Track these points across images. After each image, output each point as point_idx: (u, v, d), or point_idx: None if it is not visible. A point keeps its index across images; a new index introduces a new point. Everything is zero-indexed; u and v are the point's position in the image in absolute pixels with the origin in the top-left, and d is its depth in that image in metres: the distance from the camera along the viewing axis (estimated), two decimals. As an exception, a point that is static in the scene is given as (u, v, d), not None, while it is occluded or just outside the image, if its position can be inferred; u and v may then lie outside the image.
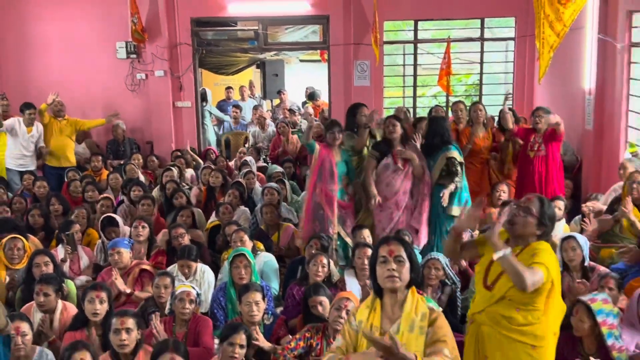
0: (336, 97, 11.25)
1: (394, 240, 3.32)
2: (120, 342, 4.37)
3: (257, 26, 11.47)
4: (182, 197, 7.98)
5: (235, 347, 4.30)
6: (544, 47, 7.92)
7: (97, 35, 10.92)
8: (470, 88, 14.11)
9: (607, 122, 8.47)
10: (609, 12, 8.29)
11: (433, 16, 11.27)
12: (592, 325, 4.53)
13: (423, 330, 3.19)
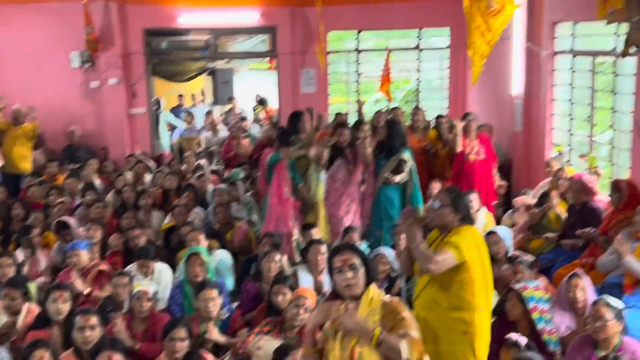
0: (285, 103, 11.27)
1: (346, 250, 3.28)
2: (84, 339, 4.33)
3: (208, 36, 11.41)
4: (147, 199, 7.88)
5: (176, 341, 4.29)
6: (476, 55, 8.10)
7: (52, 44, 10.67)
8: (409, 94, 14.28)
9: (534, 124, 8.68)
10: (534, 23, 8.50)
11: (374, 27, 11.39)
12: (524, 311, 4.66)
13: (375, 322, 3.14)
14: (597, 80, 7.47)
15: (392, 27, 11.42)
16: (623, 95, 6.82)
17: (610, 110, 7.14)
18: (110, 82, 10.84)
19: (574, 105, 7.95)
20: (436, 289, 4.00)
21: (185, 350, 4.32)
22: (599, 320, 4.12)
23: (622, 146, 6.92)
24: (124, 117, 11.07)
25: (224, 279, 6.06)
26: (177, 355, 4.30)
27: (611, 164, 7.15)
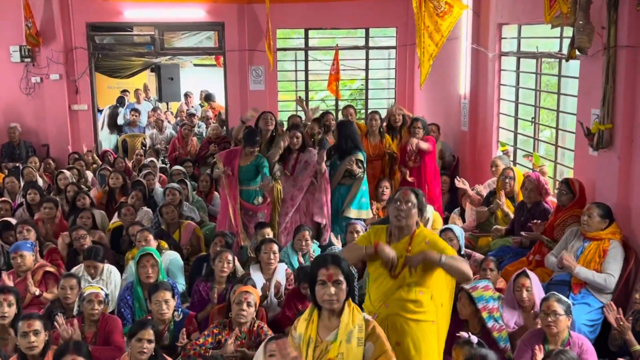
0: (233, 101, 11.21)
1: (332, 264, 3.26)
2: (29, 344, 4.26)
3: (153, 31, 11.26)
4: (84, 198, 7.71)
5: (144, 342, 4.26)
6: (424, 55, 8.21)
7: (-9, 38, 10.41)
8: (355, 92, 14.38)
9: (481, 123, 8.86)
10: (481, 24, 8.68)
11: (322, 25, 11.40)
12: (474, 310, 4.77)
13: (361, 342, 3.21)
14: (541, 81, 7.68)
15: (340, 25, 11.45)
16: (567, 97, 7.01)
17: (554, 111, 7.33)
18: (52, 77, 10.65)
19: (519, 105, 8.14)
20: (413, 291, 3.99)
21: (151, 352, 4.29)
22: (551, 315, 4.26)
23: (565, 146, 7.11)
24: (66, 113, 10.84)
25: (175, 279, 6.00)
26: (142, 356, 4.26)
27: (554, 163, 7.34)
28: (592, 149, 5.81)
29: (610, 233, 5.32)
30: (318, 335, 3.28)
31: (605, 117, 5.57)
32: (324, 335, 3.28)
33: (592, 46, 5.55)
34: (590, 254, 5.28)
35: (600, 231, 5.31)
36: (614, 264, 5.20)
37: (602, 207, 5.37)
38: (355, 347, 3.20)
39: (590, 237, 5.34)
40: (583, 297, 5.14)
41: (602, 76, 5.56)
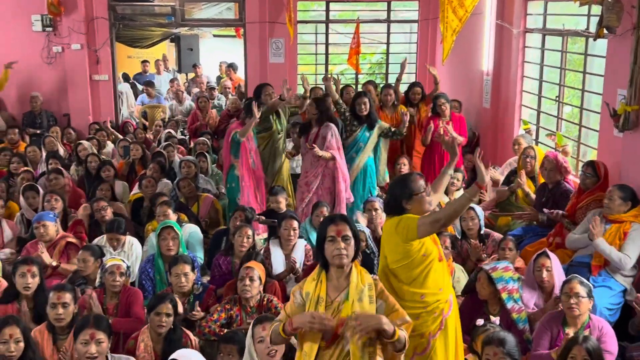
0: (252, 73, 11.14)
1: (340, 220, 3.30)
2: (57, 316, 4.34)
3: (174, 2, 11.20)
4: (109, 170, 7.71)
5: (162, 316, 4.31)
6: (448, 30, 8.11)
7: (12, 7, 10.43)
8: (374, 66, 14.28)
9: (503, 101, 8.77)
10: (506, 0, 8.54)
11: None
12: (493, 291, 4.76)
13: (372, 300, 3.22)
14: (566, 60, 7.57)
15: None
16: (593, 76, 6.91)
17: (579, 90, 7.23)
18: (73, 47, 10.65)
19: (543, 84, 8.04)
20: None
21: (170, 326, 4.33)
22: (573, 297, 4.25)
23: (590, 126, 7.04)
24: (87, 83, 10.86)
25: (194, 252, 6.04)
26: (161, 330, 4.31)
27: (578, 143, 7.27)
28: (617, 130, 5.74)
29: (632, 216, 5.25)
30: (328, 295, 3.27)
31: (632, 98, 5.48)
32: (333, 295, 3.26)
33: (620, 25, 5.46)
34: (611, 236, 5.22)
35: (622, 214, 5.27)
36: (633, 246, 5.13)
37: (624, 189, 5.31)
38: (368, 305, 3.19)
39: (612, 220, 5.28)
40: (604, 280, 5.11)
41: (631, 56, 5.45)
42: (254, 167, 7.20)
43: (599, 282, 5.06)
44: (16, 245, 6.37)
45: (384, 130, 7.42)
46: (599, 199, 5.53)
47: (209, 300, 5.14)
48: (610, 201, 5.27)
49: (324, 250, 3.28)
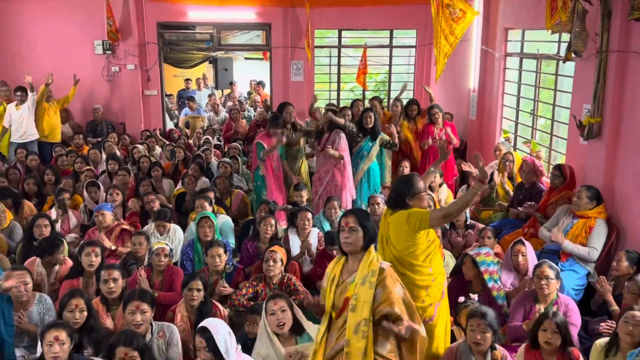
0: (277, 89, 11.19)
1: (350, 214, 3.28)
2: (109, 289, 4.37)
3: (212, 30, 11.26)
4: (158, 170, 7.76)
5: (194, 291, 4.33)
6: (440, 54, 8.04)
7: (79, 34, 10.50)
8: (379, 84, 14.22)
9: (487, 113, 8.72)
10: (490, 28, 8.49)
11: (353, 26, 11.28)
12: (477, 273, 4.74)
13: (372, 285, 3.14)
14: (540, 79, 7.50)
15: (368, 27, 11.34)
16: (563, 93, 6.85)
17: (551, 105, 7.17)
18: (128, 67, 10.71)
19: (520, 99, 7.97)
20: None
21: (201, 300, 4.35)
22: (544, 279, 4.22)
23: (560, 135, 6.97)
24: (139, 97, 10.92)
25: (226, 238, 6.04)
26: (193, 302, 4.33)
27: (549, 150, 7.21)
28: (582, 138, 5.69)
29: (597, 212, 5.22)
30: (341, 276, 3.28)
31: (595, 112, 5.45)
32: (345, 276, 3.27)
33: (586, 50, 5.42)
34: (578, 229, 5.19)
35: (588, 210, 5.21)
36: (598, 240, 5.12)
37: (591, 189, 5.26)
38: (367, 290, 3.14)
39: (579, 215, 5.24)
40: (570, 265, 5.07)
41: (594, 76, 5.42)
42: (277, 170, 7.19)
43: (566, 267, 5.03)
44: (80, 231, 6.40)
45: (384, 142, 7.35)
46: (566, 196, 5.50)
47: (239, 278, 5.14)
48: (579, 199, 5.22)
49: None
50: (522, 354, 3.84)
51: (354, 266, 3.25)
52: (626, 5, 4.98)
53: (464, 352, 3.69)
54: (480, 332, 3.61)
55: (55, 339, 3.49)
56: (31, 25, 10.50)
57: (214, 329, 3.46)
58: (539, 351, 3.76)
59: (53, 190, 7.16)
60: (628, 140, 5.26)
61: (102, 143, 9.25)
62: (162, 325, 4.08)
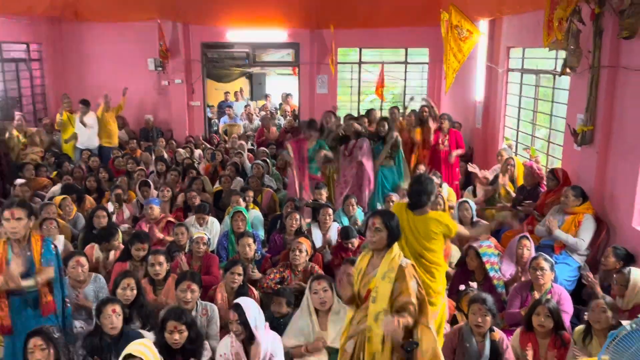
0: (304, 101, 11.26)
1: (377, 215, 3.23)
2: (155, 271, 4.43)
3: (248, 49, 11.35)
4: (193, 172, 7.85)
5: (235, 275, 4.37)
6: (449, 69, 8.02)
7: (135, 53, 10.73)
8: (395, 96, 14.15)
9: (491, 122, 8.61)
10: (493, 47, 8.39)
11: (372, 45, 11.28)
12: (479, 263, 4.69)
13: (391, 280, 3.08)
14: (539, 92, 7.39)
15: (385, 46, 11.33)
16: (559, 104, 6.74)
17: (548, 115, 7.05)
18: (176, 81, 10.91)
19: (521, 110, 7.86)
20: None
21: (240, 283, 4.39)
22: (539, 270, 4.16)
23: (556, 142, 6.86)
24: (185, 107, 11.09)
25: (257, 230, 6.08)
26: (234, 285, 4.37)
27: (547, 155, 7.09)
28: (576, 145, 5.58)
29: (584, 209, 5.12)
30: (366, 269, 3.24)
31: (588, 121, 5.34)
32: (370, 270, 3.23)
33: (580, 65, 5.33)
34: (568, 224, 5.09)
35: (576, 207, 5.12)
36: (585, 232, 5.01)
37: (576, 188, 5.17)
38: (386, 284, 3.09)
39: (568, 212, 5.15)
40: (564, 258, 4.98)
41: (587, 89, 5.31)
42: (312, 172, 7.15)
43: (560, 260, 4.93)
44: (132, 222, 6.52)
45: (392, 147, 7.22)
46: (560, 197, 5.39)
47: (266, 265, 5.19)
48: (566, 198, 5.14)
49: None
50: (517, 335, 3.80)
51: (378, 262, 3.20)
52: (616, 25, 4.88)
53: (466, 333, 3.67)
54: (481, 316, 3.59)
55: (113, 311, 3.58)
56: (95, 46, 10.80)
57: (246, 306, 3.50)
58: (533, 333, 3.72)
59: (108, 187, 7.32)
60: (617, 146, 5.15)
61: (152, 147, 9.43)
62: (206, 304, 4.13)
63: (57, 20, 10.45)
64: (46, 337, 3.17)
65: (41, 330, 3.22)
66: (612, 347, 2.08)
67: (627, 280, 4.04)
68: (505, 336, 3.74)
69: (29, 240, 3.65)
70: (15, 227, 3.55)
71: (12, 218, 3.54)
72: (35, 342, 3.14)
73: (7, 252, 3.59)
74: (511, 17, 7.78)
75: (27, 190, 6.98)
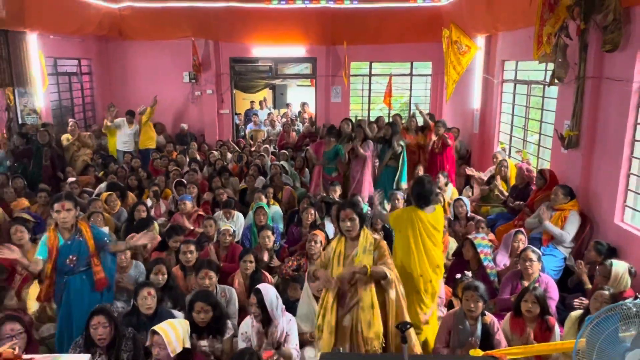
0: (320, 109, 11.25)
1: (347, 207, 3.32)
2: (186, 259, 4.46)
3: (271, 63, 11.39)
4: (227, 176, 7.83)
5: (247, 262, 4.40)
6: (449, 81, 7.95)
7: (171, 67, 10.83)
8: (402, 105, 14.06)
9: (487, 128, 8.50)
10: (490, 60, 8.29)
11: (381, 59, 11.22)
12: (474, 253, 4.64)
13: (370, 252, 3.28)
14: (530, 100, 7.27)
15: (393, 60, 11.25)
16: (548, 112, 6.63)
17: (538, 121, 6.94)
18: (207, 92, 10.96)
19: (514, 116, 7.75)
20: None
21: (253, 269, 4.41)
22: (528, 261, 4.10)
23: (546, 146, 6.75)
24: (215, 115, 11.15)
25: (277, 224, 6.08)
26: (247, 271, 4.40)
27: (537, 158, 6.98)
28: (563, 148, 5.49)
29: (570, 206, 5.04)
30: (345, 251, 3.33)
31: (574, 126, 5.25)
32: (349, 251, 3.32)
33: (567, 76, 5.25)
34: (555, 219, 5.02)
35: (564, 204, 5.04)
36: (570, 226, 4.94)
37: (565, 187, 5.09)
38: (368, 255, 3.26)
39: (556, 208, 5.07)
40: (551, 250, 4.91)
41: (573, 97, 5.22)
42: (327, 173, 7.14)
43: (547, 252, 4.87)
44: (167, 215, 6.58)
45: (395, 150, 7.15)
46: (548, 195, 5.31)
47: (284, 254, 5.20)
48: (556, 196, 5.06)
49: (339, 224, 3.36)
50: (507, 320, 3.74)
51: (354, 242, 3.32)
52: (599, 40, 4.78)
53: (460, 317, 3.63)
54: (474, 302, 3.54)
55: (148, 293, 3.63)
56: (137, 61, 10.92)
57: (265, 291, 3.52)
58: (522, 319, 3.66)
59: (146, 185, 7.39)
60: (601, 149, 5.05)
61: (186, 150, 9.50)
62: (224, 287, 4.16)
63: (104, 38, 10.60)
64: (108, 316, 3.23)
65: (104, 308, 3.28)
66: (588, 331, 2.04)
67: (609, 272, 3.95)
68: (496, 320, 3.69)
69: (77, 227, 3.72)
70: (66, 217, 3.64)
71: (63, 209, 3.62)
72: (99, 320, 3.20)
73: (57, 239, 3.69)
74: (505, 33, 7.68)
75: (77, 187, 7.09)
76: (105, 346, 3.20)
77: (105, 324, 3.20)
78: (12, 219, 5.54)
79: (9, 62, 7.62)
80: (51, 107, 9.10)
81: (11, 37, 7.63)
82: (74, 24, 8.93)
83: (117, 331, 3.24)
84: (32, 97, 8.34)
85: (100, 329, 3.19)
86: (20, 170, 7.38)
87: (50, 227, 3.76)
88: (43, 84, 8.33)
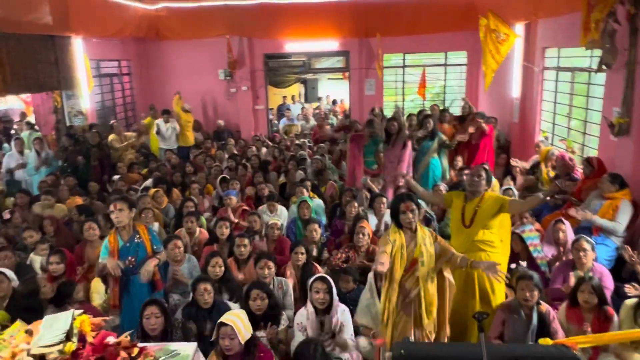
0: (354, 102, 11.26)
1: (407, 198, 3.37)
2: (240, 252, 4.59)
3: (304, 58, 11.44)
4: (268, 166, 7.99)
5: (298, 254, 4.49)
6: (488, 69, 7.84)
7: (208, 66, 10.98)
8: (434, 96, 13.91)
9: (528, 117, 8.35)
10: (529, 47, 8.11)
11: (414, 50, 11.13)
12: (523, 246, 4.62)
13: (432, 243, 3.37)
14: (574, 88, 7.11)
15: (427, 50, 11.15)
16: (593, 98, 6.48)
17: (583, 108, 6.79)
18: (242, 88, 11.10)
19: (556, 104, 7.59)
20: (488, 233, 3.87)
21: (304, 261, 4.50)
22: (581, 251, 4.06)
23: (592, 133, 6.60)
24: (251, 111, 11.28)
25: (320, 217, 6.13)
26: (298, 263, 4.49)
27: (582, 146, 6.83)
28: (613, 136, 5.37)
29: (622, 194, 4.90)
30: (406, 242, 3.35)
31: (624, 114, 5.13)
32: (408, 242, 3.35)
33: (615, 62, 5.11)
34: (605, 208, 4.89)
35: (614, 193, 4.93)
36: (622, 216, 4.81)
37: (612, 175, 4.97)
38: (430, 246, 3.34)
39: (607, 197, 4.96)
40: (602, 240, 4.81)
41: (623, 83, 5.10)
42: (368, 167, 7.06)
43: (599, 241, 4.77)
44: (211, 210, 6.73)
45: (440, 142, 7.15)
46: (596, 182, 5.21)
47: (331, 247, 5.25)
48: (602, 184, 4.96)
49: (398, 217, 3.38)
50: (563, 310, 3.73)
51: (412, 234, 3.38)
52: (652, 24, 4.66)
53: (515, 306, 3.64)
54: (529, 291, 3.54)
55: (205, 289, 3.76)
56: (174, 60, 11.16)
57: (329, 280, 3.65)
58: (579, 309, 3.64)
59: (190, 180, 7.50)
60: (654, 136, 4.93)
61: (224, 146, 9.67)
62: (280, 279, 4.27)
63: (143, 40, 10.87)
64: (160, 307, 3.39)
65: (156, 300, 3.45)
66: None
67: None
68: (551, 309, 3.68)
69: (135, 229, 3.89)
70: (119, 216, 3.81)
71: (115, 209, 3.81)
72: (152, 310, 3.36)
73: (117, 241, 3.88)
74: (546, 20, 7.51)
75: (123, 184, 7.33)
76: (158, 335, 3.34)
77: (158, 314, 3.34)
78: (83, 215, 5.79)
79: (56, 66, 7.94)
80: (95, 108, 9.42)
81: (58, 42, 7.94)
82: (114, 27, 9.20)
83: (168, 322, 3.39)
84: (78, 99, 8.67)
85: (153, 319, 3.34)
86: (70, 170, 7.69)
87: (112, 231, 3.95)
88: (88, 86, 8.64)
